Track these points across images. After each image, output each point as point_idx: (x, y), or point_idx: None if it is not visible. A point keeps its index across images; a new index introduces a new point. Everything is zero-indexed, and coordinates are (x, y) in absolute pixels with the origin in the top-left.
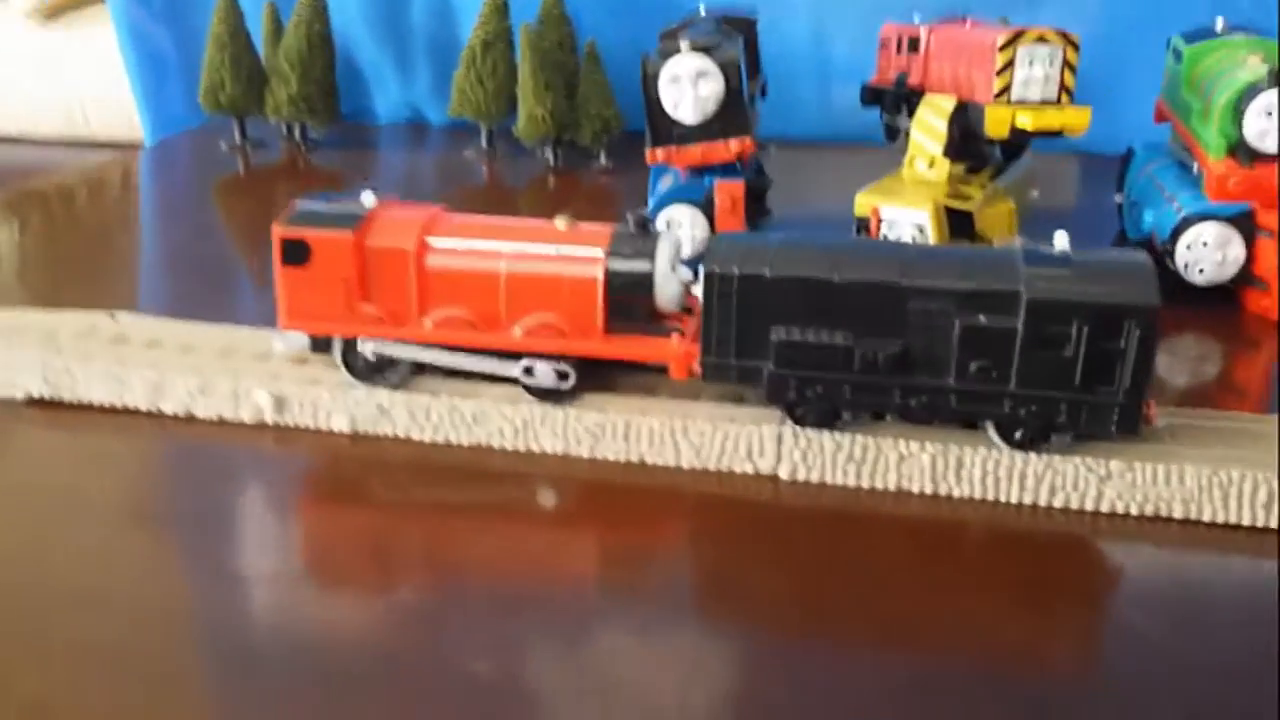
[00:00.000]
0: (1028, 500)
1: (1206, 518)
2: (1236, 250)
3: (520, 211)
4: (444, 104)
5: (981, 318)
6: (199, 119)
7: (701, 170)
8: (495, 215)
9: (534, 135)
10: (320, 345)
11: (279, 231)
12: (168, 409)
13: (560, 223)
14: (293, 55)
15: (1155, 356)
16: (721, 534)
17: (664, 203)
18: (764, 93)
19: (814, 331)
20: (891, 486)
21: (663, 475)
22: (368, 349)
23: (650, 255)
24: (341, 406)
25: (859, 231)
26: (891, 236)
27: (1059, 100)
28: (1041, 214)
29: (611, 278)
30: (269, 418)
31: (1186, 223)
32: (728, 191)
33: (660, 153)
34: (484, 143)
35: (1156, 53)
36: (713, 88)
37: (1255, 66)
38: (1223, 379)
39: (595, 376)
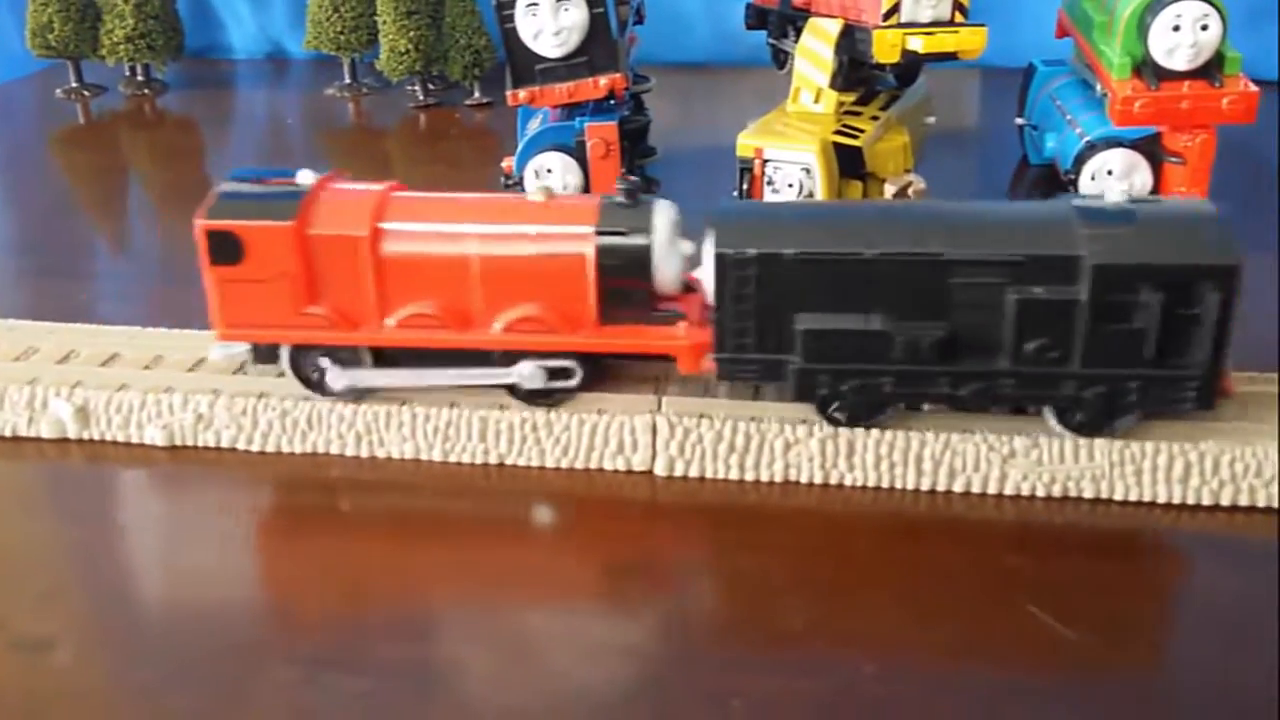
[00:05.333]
0: (925, 486)
1: (1119, 496)
2: (1143, 178)
3: (392, 155)
4: (304, 34)
5: (1038, 290)
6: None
7: (572, 110)
8: (459, 191)
9: (398, 70)
10: (264, 355)
11: (203, 224)
12: None
13: (538, 195)
14: None
15: (1233, 321)
16: (589, 541)
17: (531, 149)
18: (640, 18)
19: (846, 317)
20: (778, 478)
21: (524, 478)
22: (336, 379)
23: (646, 229)
24: (154, 415)
25: (742, 175)
26: (777, 180)
27: (952, 19)
28: (940, 141)
29: (603, 257)
30: (71, 432)
31: (1091, 150)
32: (600, 134)
33: (523, 93)
34: (346, 78)
35: None
36: (575, 16)
37: None
38: None
39: None
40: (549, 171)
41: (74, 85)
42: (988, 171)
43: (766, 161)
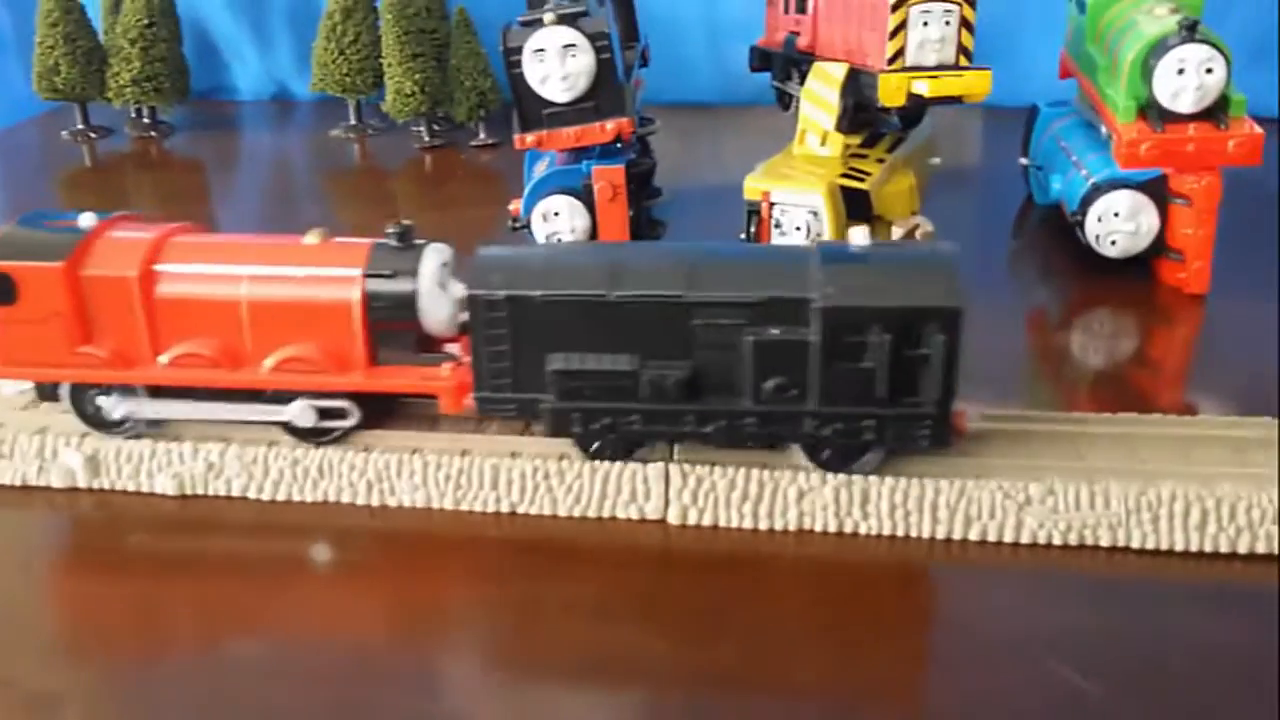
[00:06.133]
0: (940, 534)
1: (1136, 544)
2: (1150, 220)
3: (397, 197)
4: (309, 76)
5: (774, 330)
6: (44, 105)
7: (579, 153)
8: (239, 233)
9: (404, 111)
10: (47, 392)
11: None
12: None
13: (311, 238)
14: (133, 31)
15: (959, 362)
16: (605, 591)
17: (538, 192)
18: (645, 61)
19: (594, 357)
20: (792, 526)
21: (536, 526)
22: (113, 407)
23: (413, 272)
24: (165, 464)
25: (749, 218)
26: (785, 222)
27: (957, 63)
28: (945, 181)
29: (370, 300)
30: (81, 481)
31: (1096, 192)
32: (607, 178)
33: (530, 137)
34: (352, 119)
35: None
36: (582, 62)
37: (1164, 18)
38: (1139, 362)
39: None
40: (556, 215)
41: (80, 127)
42: (993, 212)
43: (774, 204)
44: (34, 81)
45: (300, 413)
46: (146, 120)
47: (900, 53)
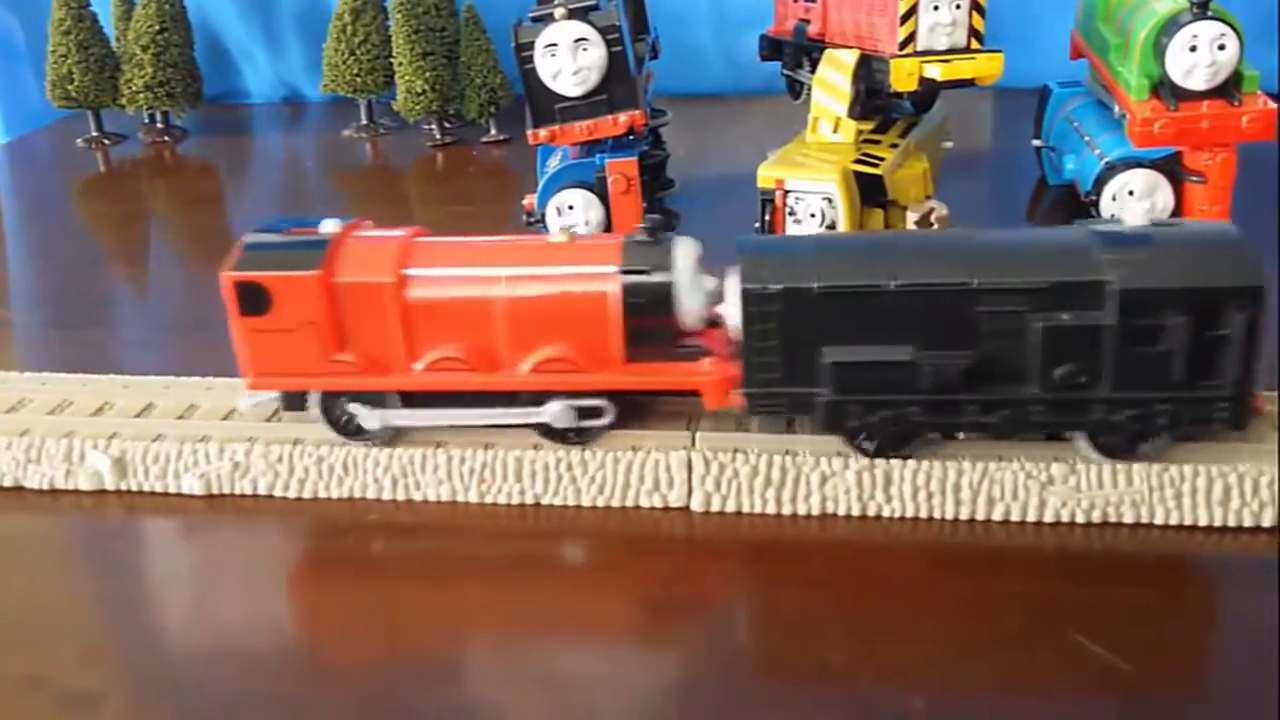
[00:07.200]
0: (964, 515)
1: (1159, 520)
2: (1165, 198)
3: (408, 193)
4: (320, 78)
5: (1064, 316)
6: (58, 113)
7: (591, 147)
8: (479, 230)
9: (415, 110)
10: (292, 401)
11: (230, 276)
12: None
13: (560, 235)
14: (144, 37)
15: (1261, 341)
16: (631, 580)
17: (552, 186)
18: (656, 53)
19: (873, 349)
20: (815, 511)
21: (560, 518)
22: (369, 419)
23: (668, 266)
24: (191, 464)
25: (764, 206)
26: (799, 210)
27: (968, 46)
28: (958, 164)
29: (627, 295)
30: (109, 484)
31: (1111, 171)
32: (620, 170)
33: (544, 132)
34: (363, 119)
35: None
36: (594, 56)
37: None
38: None
39: None
40: (570, 208)
41: (94, 134)
42: (1006, 194)
43: (788, 192)
44: (47, 90)
45: (560, 413)
46: (160, 125)
47: (911, 37)
